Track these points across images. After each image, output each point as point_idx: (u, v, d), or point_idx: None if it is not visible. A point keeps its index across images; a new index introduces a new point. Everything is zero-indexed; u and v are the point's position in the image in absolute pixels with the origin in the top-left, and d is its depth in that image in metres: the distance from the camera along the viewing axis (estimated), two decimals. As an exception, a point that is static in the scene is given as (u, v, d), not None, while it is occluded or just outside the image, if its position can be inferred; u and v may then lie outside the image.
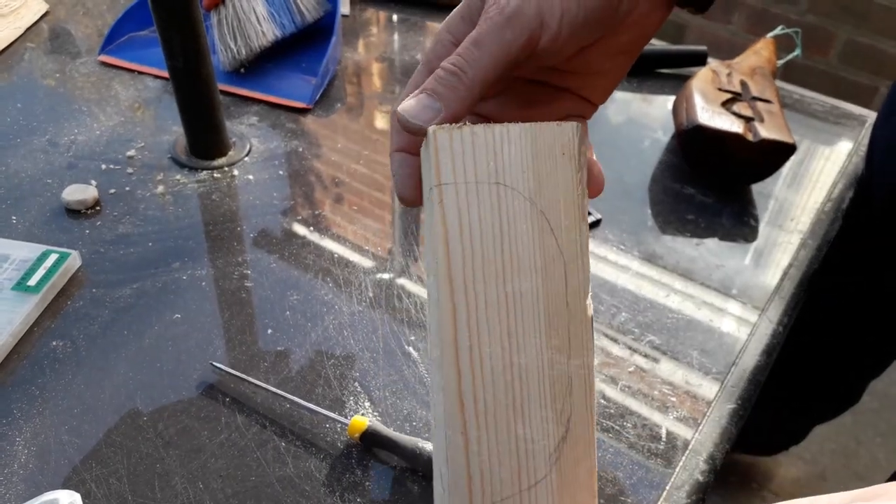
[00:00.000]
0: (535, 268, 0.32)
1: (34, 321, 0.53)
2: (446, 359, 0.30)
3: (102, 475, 0.44)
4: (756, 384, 0.53)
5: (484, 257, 0.31)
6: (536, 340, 0.32)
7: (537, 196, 0.32)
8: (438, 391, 0.31)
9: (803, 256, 0.63)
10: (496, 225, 0.32)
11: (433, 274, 0.32)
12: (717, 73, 0.73)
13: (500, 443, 0.30)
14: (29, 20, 0.85)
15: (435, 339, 0.31)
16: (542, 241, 0.32)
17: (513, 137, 0.32)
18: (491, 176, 0.32)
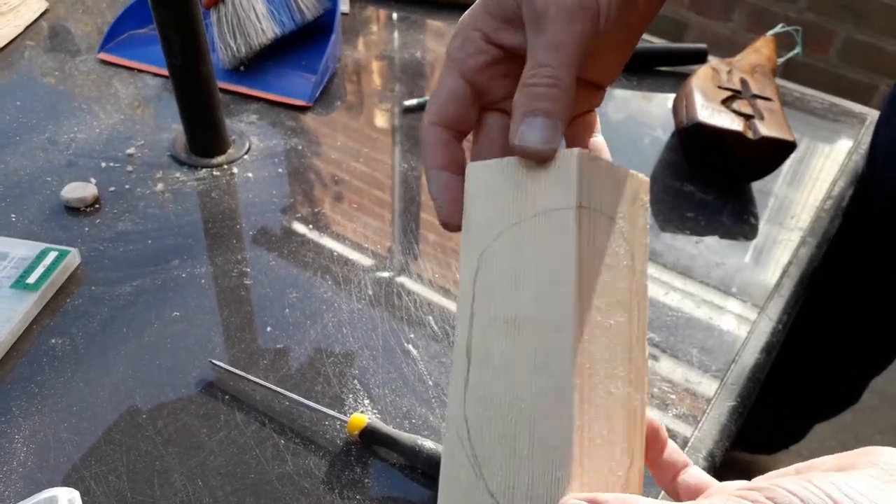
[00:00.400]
0: (625, 304, 0.33)
1: (33, 319, 0.53)
2: (563, 383, 0.29)
3: (101, 472, 0.45)
4: (755, 382, 0.53)
5: (599, 286, 0.31)
6: (622, 373, 0.32)
7: (630, 237, 0.33)
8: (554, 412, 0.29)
9: (803, 254, 0.63)
10: (609, 256, 0.32)
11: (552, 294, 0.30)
12: (718, 71, 0.73)
13: (598, 472, 0.30)
14: (28, 18, 0.85)
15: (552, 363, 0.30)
16: (631, 279, 0.33)
17: (622, 176, 0.33)
18: (608, 208, 0.32)
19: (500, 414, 0.30)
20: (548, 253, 0.31)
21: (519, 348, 0.31)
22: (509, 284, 0.31)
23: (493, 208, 0.33)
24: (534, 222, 0.31)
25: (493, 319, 0.32)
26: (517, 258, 0.32)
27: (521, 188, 0.32)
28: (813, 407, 1.04)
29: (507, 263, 0.32)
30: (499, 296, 0.32)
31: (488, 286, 0.32)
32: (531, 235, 0.31)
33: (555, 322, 0.30)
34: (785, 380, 0.94)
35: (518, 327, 0.31)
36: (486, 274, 0.32)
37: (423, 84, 0.81)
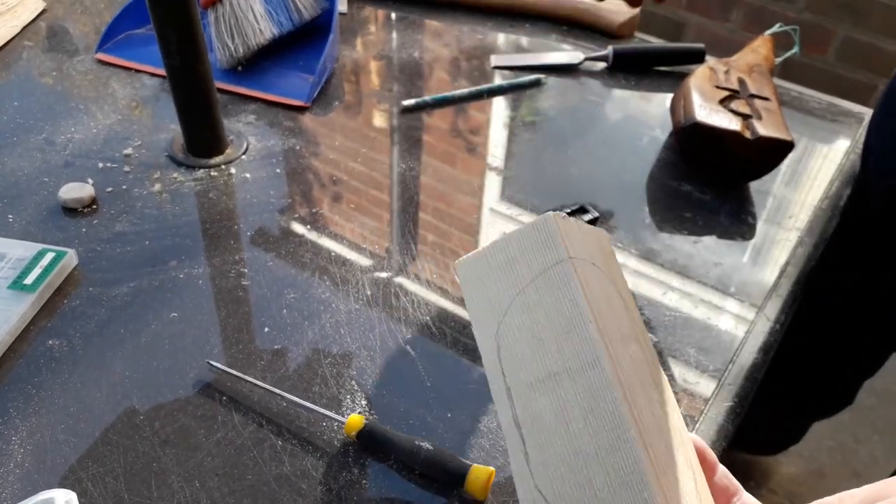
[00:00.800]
0: (632, 336, 0.36)
1: (30, 320, 0.53)
2: (616, 412, 0.31)
3: (99, 474, 0.44)
4: (753, 382, 0.53)
5: (608, 324, 0.34)
6: (655, 396, 0.34)
7: (614, 279, 0.37)
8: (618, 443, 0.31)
9: (801, 254, 0.63)
10: (605, 298, 0.35)
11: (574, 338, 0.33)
12: (715, 71, 0.73)
13: (675, 488, 0.31)
14: (26, 18, 0.85)
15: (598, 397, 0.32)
16: (628, 314, 0.37)
17: (588, 231, 0.38)
18: (589, 257, 0.36)
19: (570, 467, 0.32)
20: (558, 305, 0.33)
21: (563, 399, 0.32)
22: (532, 347, 0.34)
23: (493, 289, 0.35)
24: (535, 285, 0.34)
25: (529, 385, 0.34)
26: (531, 321, 0.34)
27: (512, 263, 0.35)
28: (809, 407, 1.04)
29: (524, 329, 0.34)
30: (526, 361, 0.34)
31: (513, 357, 0.34)
32: (537, 296, 0.34)
33: (587, 362, 0.32)
34: (782, 379, 0.94)
35: (556, 381, 0.33)
36: (508, 347, 0.34)
37: (421, 84, 0.81)
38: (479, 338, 0.36)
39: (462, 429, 0.48)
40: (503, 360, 0.35)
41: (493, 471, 0.44)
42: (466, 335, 0.54)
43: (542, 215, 0.35)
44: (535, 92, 0.81)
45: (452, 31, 0.90)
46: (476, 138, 0.74)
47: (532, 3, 0.92)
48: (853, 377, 0.96)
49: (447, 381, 0.50)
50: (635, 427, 0.31)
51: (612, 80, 0.83)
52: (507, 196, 0.67)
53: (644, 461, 0.30)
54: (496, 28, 0.91)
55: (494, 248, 0.36)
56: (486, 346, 0.36)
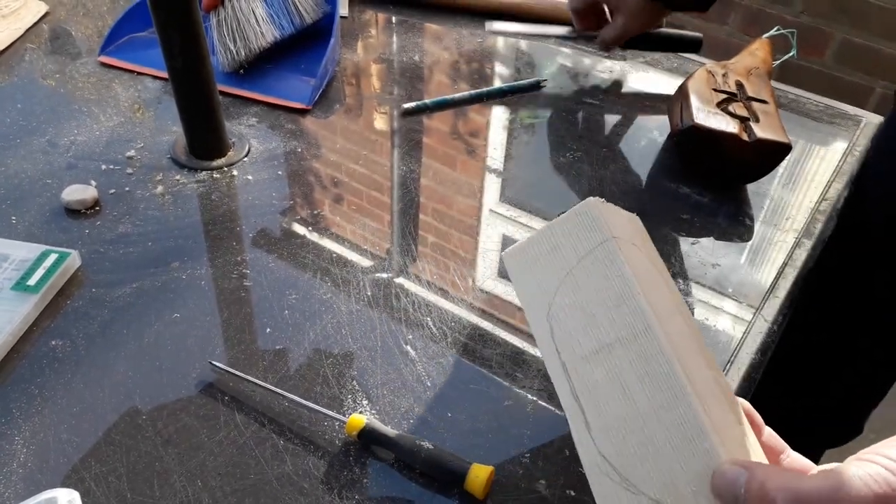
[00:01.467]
0: (674, 309, 0.37)
1: (33, 321, 0.53)
2: (670, 371, 0.33)
3: (101, 473, 0.45)
4: (751, 382, 0.54)
5: (655, 298, 0.36)
6: (702, 361, 0.36)
7: (652, 259, 0.39)
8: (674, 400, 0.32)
9: (798, 255, 0.64)
10: (646, 274, 0.37)
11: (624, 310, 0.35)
12: (713, 74, 0.73)
13: (732, 441, 0.33)
14: (29, 21, 0.85)
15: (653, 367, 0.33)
16: (667, 290, 0.38)
17: (625, 215, 0.40)
18: (629, 238, 0.38)
19: (630, 429, 0.33)
20: (605, 282, 0.35)
21: (618, 367, 0.34)
22: (583, 322, 0.36)
23: (541, 275, 0.38)
24: (582, 265, 0.36)
25: (584, 358, 0.35)
26: (581, 298, 0.36)
27: (557, 248, 0.37)
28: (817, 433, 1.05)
29: (575, 307, 0.36)
30: (579, 336, 0.36)
31: (566, 335, 0.36)
32: (585, 275, 0.36)
33: (638, 330, 0.34)
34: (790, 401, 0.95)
35: (609, 351, 0.35)
36: (560, 327, 0.36)
37: (422, 87, 0.82)
38: (532, 321, 0.38)
39: (462, 428, 0.48)
40: (556, 338, 0.36)
41: (492, 470, 0.44)
42: (466, 336, 0.54)
43: (582, 201, 0.37)
44: (534, 95, 0.81)
45: (452, 34, 0.91)
46: (476, 141, 0.75)
47: (531, 6, 0.92)
48: (860, 403, 0.96)
49: (447, 382, 0.51)
50: (689, 384, 0.32)
51: (612, 81, 0.84)
52: (507, 198, 0.68)
53: (701, 414, 0.32)
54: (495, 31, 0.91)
55: (539, 237, 0.38)
56: (539, 328, 0.37)
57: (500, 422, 0.48)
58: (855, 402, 0.99)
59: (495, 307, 0.57)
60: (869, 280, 0.79)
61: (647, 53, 0.89)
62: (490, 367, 0.52)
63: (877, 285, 0.79)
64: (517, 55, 0.88)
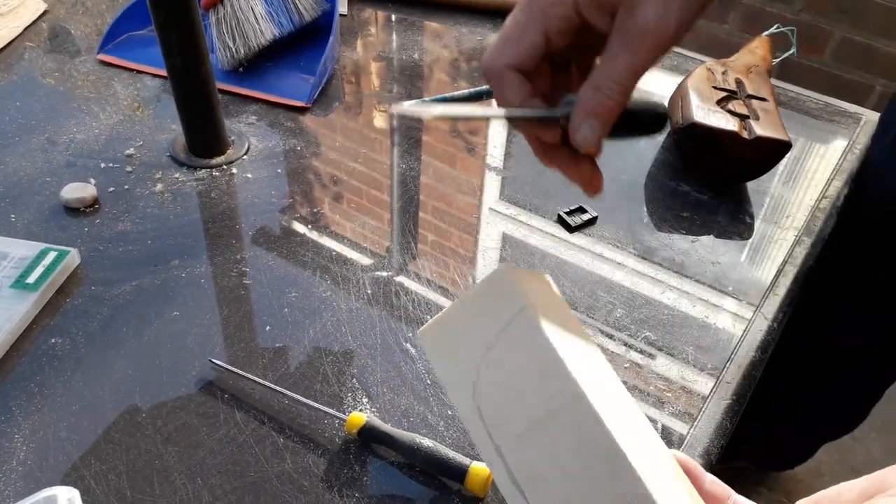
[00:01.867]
0: (597, 363, 0.37)
1: (33, 319, 0.53)
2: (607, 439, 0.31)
3: (101, 471, 0.45)
4: (751, 380, 0.54)
5: (580, 363, 0.34)
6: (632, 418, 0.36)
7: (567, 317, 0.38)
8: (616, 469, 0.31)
9: (798, 253, 0.64)
10: (563, 334, 0.36)
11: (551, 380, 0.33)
12: (713, 72, 0.73)
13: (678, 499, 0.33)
14: (28, 19, 0.85)
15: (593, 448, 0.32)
16: (588, 344, 0.38)
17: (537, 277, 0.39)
18: (548, 299, 0.37)
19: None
20: (528, 353, 0.33)
21: (554, 442, 0.33)
22: (512, 399, 0.34)
23: (461, 352, 0.35)
24: (501, 339, 0.34)
25: (518, 437, 0.33)
26: (506, 374, 0.34)
27: (474, 322, 0.35)
28: (820, 424, 1.05)
29: (501, 384, 0.34)
30: (509, 415, 0.34)
31: (496, 414, 0.34)
32: (507, 349, 0.34)
33: (567, 399, 0.32)
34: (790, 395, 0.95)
35: (542, 427, 0.33)
36: (488, 406, 0.34)
37: (421, 85, 0.81)
38: (457, 402, 0.36)
39: (462, 426, 0.48)
40: (486, 419, 0.34)
41: (493, 467, 0.44)
42: (466, 334, 0.54)
43: (493, 270, 0.35)
44: (534, 93, 0.81)
45: (452, 32, 0.91)
46: (475, 139, 0.75)
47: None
48: (860, 379, 0.96)
49: (447, 379, 0.51)
50: (630, 450, 0.31)
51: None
52: (507, 196, 0.68)
53: (646, 481, 0.31)
54: (495, 29, 0.91)
55: (454, 311, 0.36)
56: (466, 409, 0.35)
57: (500, 419, 0.48)
58: (855, 398, 0.99)
59: (495, 305, 0.57)
60: (868, 277, 0.80)
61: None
62: (490, 364, 0.52)
63: (876, 281, 0.79)
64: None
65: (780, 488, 1.28)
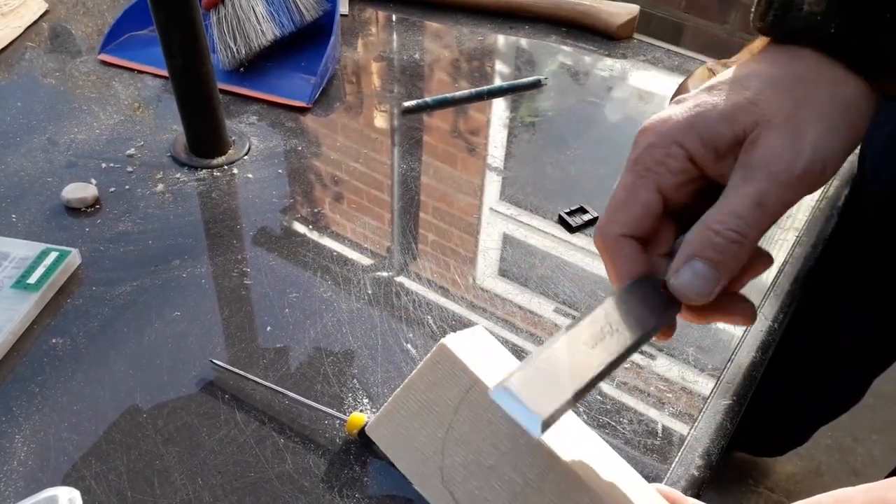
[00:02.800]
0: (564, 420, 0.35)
1: (34, 319, 0.53)
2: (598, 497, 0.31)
3: (102, 472, 0.45)
4: (752, 380, 0.54)
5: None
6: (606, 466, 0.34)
7: None
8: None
9: (799, 254, 0.64)
10: None
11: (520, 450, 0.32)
12: (714, 73, 0.73)
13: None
14: (29, 19, 0.85)
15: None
16: None
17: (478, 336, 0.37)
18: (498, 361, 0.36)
19: None
20: (490, 427, 0.32)
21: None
22: (486, 477, 0.33)
23: (419, 439, 0.34)
24: (460, 416, 0.33)
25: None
26: (473, 452, 0.33)
27: (427, 405, 0.34)
28: (814, 408, 1.05)
29: (470, 464, 0.33)
30: (485, 494, 0.33)
31: (470, 496, 0.33)
32: (467, 427, 0.33)
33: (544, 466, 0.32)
34: (784, 379, 0.94)
35: (523, 499, 0.32)
36: (461, 489, 0.33)
37: (422, 85, 0.81)
38: (426, 492, 0.34)
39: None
40: (459, 500, 0.33)
41: (493, 468, 0.44)
42: (467, 334, 0.54)
43: (433, 350, 0.33)
44: (534, 93, 0.81)
45: (453, 32, 0.91)
46: (476, 139, 0.75)
47: (532, 4, 0.92)
48: (859, 375, 0.96)
49: (448, 380, 0.51)
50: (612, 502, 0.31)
51: (613, 79, 0.84)
52: (507, 196, 0.68)
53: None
54: (496, 30, 0.91)
55: (401, 399, 0.35)
56: (437, 497, 0.34)
57: (500, 420, 0.49)
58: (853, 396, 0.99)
59: (496, 305, 0.57)
60: (867, 273, 0.79)
61: (648, 51, 0.89)
62: (490, 365, 0.52)
63: (874, 277, 0.79)
64: (517, 53, 0.88)
65: (780, 488, 1.28)
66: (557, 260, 0.61)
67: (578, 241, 0.63)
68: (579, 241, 0.63)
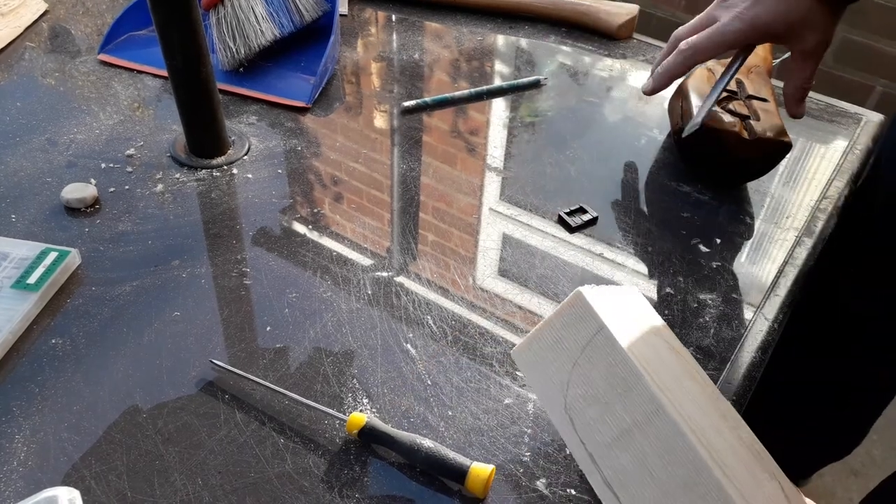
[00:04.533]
0: (686, 374, 0.39)
1: (34, 319, 0.53)
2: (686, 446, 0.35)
3: (102, 472, 0.45)
4: (752, 381, 0.54)
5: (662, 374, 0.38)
6: (723, 423, 0.38)
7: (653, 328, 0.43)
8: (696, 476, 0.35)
9: (799, 254, 0.64)
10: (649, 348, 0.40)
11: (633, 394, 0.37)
12: (713, 72, 0.73)
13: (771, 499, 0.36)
14: (28, 19, 0.85)
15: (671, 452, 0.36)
16: (676, 356, 0.41)
17: (616, 291, 0.43)
18: (628, 315, 0.42)
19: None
20: (611, 368, 0.38)
21: (641, 450, 0.37)
22: (600, 411, 0.38)
23: (550, 369, 0.40)
24: (585, 356, 0.39)
25: (608, 445, 0.38)
26: (592, 388, 0.38)
27: (559, 342, 0.40)
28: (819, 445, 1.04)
29: (588, 397, 0.38)
30: (599, 426, 0.38)
31: (586, 425, 0.38)
32: (590, 365, 0.38)
33: (650, 411, 0.36)
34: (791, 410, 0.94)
35: (630, 435, 0.37)
36: (579, 418, 0.39)
37: (422, 85, 0.81)
38: (552, 415, 0.40)
39: (463, 427, 0.48)
40: (578, 429, 0.39)
41: (493, 469, 0.44)
42: (466, 334, 0.54)
43: (573, 292, 0.39)
44: (534, 93, 0.81)
45: (452, 32, 0.91)
46: (476, 139, 0.75)
47: (531, 4, 0.92)
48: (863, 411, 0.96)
49: (448, 380, 0.51)
50: (708, 455, 0.34)
51: (612, 79, 0.84)
52: (507, 196, 0.68)
53: (724, 483, 0.33)
54: (496, 30, 0.92)
55: (540, 332, 0.40)
56: (560, 420, 0.40)
57: (500, 420, 0.49)
58: (858, 409, 0.98)
59: (495, 305, 0.57)
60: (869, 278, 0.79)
61: (648, 51, 0.89)
62: (490, 365, 0.52)
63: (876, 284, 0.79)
64: (517, 53, 0.88)
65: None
66: (557, 260, 0.61)
67: (578, 241, 0.63)
68: (579, 241, 0.63)
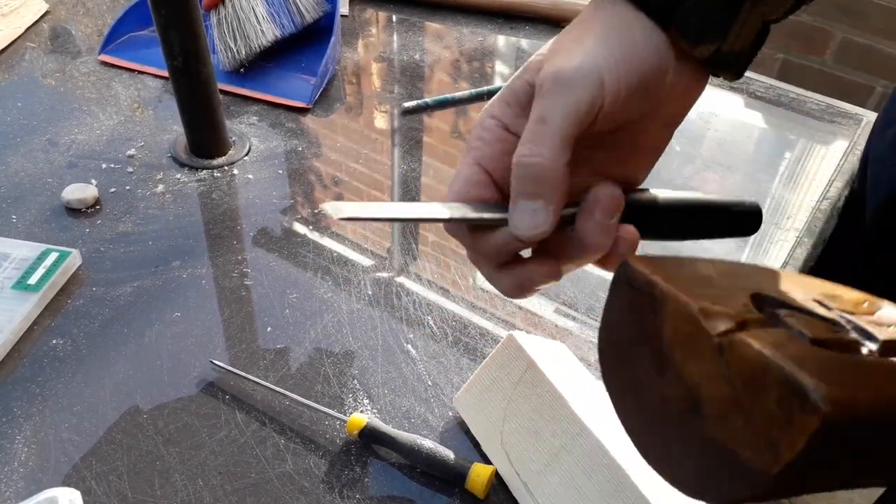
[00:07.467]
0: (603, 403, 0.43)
1: (34, 320, 0.53)
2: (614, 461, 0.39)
3: (102, 472, 0.45)
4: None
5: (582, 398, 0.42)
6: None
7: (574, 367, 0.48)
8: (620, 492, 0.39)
9: (799, 254, 0.64)
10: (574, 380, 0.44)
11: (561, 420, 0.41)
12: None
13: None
14: (29, 20, 0.85)
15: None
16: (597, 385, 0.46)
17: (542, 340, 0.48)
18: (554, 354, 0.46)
19: None
20: (539, 399, 0.42)
21: (569, 470, 0.40)
22: (532, 440, 0.42)
23: (488, 408, 0.44)
24: (518, 391, 0.43)
25: (539, 472, 0.42)
26: (525, 420, 0.42)
27: (495, 381, 0.44)
28: None
29: (522, 429, 0.43)
30: (531, 454, 0.42)
31: (521, 455, 0.43)
32: (523, 399, 0.43)
33: (575, 432, 0.41)
34: None
35: (557, 459, 0.41)
36: (513, 450, 0.43)
37: (422, 86, 0.81)
38: (490, 454, 0.44)
39: (463, 427, 0.48)
40: (514, 461, 0.43)
41: (493, 469, 0.44)
42: (467, 334, 0.54)
43: (506, 335, 0.44)
44: (535, 93, 0.81)
45: (453, 33, 0.91)
46: (476, 139, 0.75)
47: (532, 5, 0.92)
48: None
49: (448, 380, 0.51)
50: (629, 467, 0.38)
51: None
52: (508, 197, 0.68)
53: (644, 491, 0.37)
54: (496, 30, 0.92)
55: (478, 375, 0.45)
56: (497, 456, 0.44)
57: (500, 421, 0.49)
58: None
59: (496, 306, 0.57)
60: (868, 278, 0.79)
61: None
62: (491, 366, 0.52)
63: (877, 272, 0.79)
64: (517, 54, 0.88)
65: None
66: (558, 260, 0.61)
67: (579, 241, 0.63)
68: (579, 241, 0.63)
